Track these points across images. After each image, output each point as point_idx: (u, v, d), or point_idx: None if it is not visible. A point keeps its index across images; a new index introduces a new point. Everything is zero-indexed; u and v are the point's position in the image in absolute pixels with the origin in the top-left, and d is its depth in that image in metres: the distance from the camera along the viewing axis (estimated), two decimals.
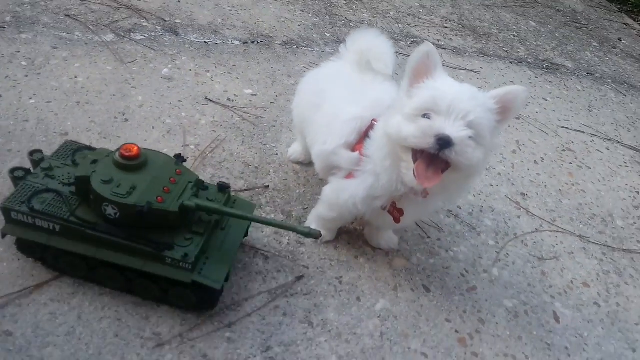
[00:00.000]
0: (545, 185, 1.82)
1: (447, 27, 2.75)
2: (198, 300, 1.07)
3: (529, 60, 2.67)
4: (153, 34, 1.95)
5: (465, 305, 1.32)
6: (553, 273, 1.48)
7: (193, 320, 1.09)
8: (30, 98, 1.51)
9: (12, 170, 1.10)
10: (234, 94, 1.78)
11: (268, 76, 1.92)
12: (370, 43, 1.30)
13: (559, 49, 2.89)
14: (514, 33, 2.93)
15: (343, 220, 1.34)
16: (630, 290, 1.50)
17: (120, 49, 1.81)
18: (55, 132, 1.43)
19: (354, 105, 1.22)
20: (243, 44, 2.07)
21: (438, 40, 2.59)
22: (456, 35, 2.70)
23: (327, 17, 2.47)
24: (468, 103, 0.98)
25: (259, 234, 1.33)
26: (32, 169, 1.13)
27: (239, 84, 1.83)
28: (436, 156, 0.98)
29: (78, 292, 1.08)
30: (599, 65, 2.85)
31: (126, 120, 1.54)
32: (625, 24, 3.57)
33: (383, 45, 1.30)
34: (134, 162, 1.03)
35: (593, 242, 1.63)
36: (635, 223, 1.76)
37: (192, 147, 1.52)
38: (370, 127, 1.18)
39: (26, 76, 1.58)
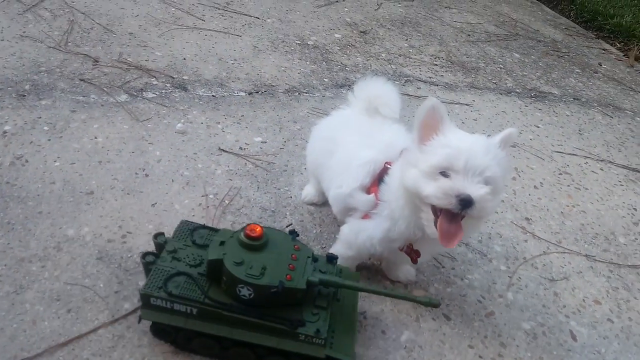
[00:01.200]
0: (547, 209, 1.90)
1: (436, 65, 2.90)
2: None
3: (517, 90, 2.80)
4: (163, 91, 2.05)
5: (486, 331, 1.37)
6: (565, 293, 1.54)
7: None
8: (55, 161, 1.59)
9: (144, 256, 1.14)
10: (245, 143, 1.87)
11: (275, 123, 2.02)
12: (377, 90, 1.40)
13: (544, 78, 3.04)
14: (500, 65, 3.08)
15: (361, 258, 1.41)
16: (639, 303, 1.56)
17: (135, 107, 1.91)
18: (81, 192, 1.50)
19: (367, 149, 1.30)
20: (248, 94, 2.18)
21: (430, 77, 2.72)
22: (446, 71, 2.84)
23: (324, 63, 2.60)
24: (483, 159, 1.05)
25: None
26: (156, 251, 1.16)
27: (248, 132, 1.93)
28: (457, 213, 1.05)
29: (117, 345, 1.13)
30: (584, 90, 2.99)
31: (146, 175, 1.62)
32: (603, 49, 3.76)
33: (389, 92, 1.40)
34: (258, 242, 1.07)
35: (599, 260, 1.69)
36: (636, 239, 1.84)
37: (211, 196, 1.60)
38: (384, 170, 1.26)
39: (49, 140, 1.67)
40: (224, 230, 1.17)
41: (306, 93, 2.30)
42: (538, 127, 2.47)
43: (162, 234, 1.19)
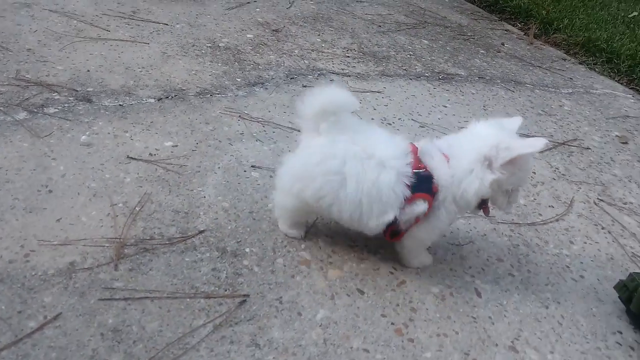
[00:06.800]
0: None
1: (349, 57, 2.99)
2: None
3: (427, 74, 2.95)
4: (66, 105, 2.00)
5: (398, 299, 1.45)
6: (470, 255, 1.66)
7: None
8: None
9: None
10: (155, 149, 1.86)
11: (186, 126, 2.02)
12: (326, 100, 1.31)
13: (452, 61, 3.21)
14: (410, 52, 3.22)
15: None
16: (537, 257, 1.70)
17: (35, 124, 1.85)
18: None
19: (384, 170, 1.30)
20: (158, 100, 2.16)
21: (342, 69, 2.81)
22: (358, 62, 2.94)
23: (236, 63, 2.62)
24: None
25: (197, 273, 1.40)
26: None
27: (158, 138, 1.92)
28: None
29: None
30: (488, 69, 3.19)
31: (50, 191, 1.58)
32: (506, 30, 4.01)
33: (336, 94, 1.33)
34: None
35: (501, 222, 1.83)
36: (535, 199, 1.99)
37: (120, 205, 1.58)
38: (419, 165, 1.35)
39: None
40: None
41: (218, 94, 2.31)
42: (446, 106, 2.62)
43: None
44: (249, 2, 3.50)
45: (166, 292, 1.34)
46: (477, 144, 1.31)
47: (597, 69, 3.50)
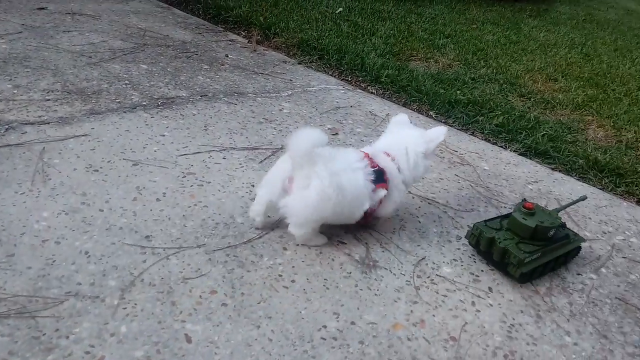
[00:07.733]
0: (169, 217, 1.94)
1: (49, 99, 2.66)
2: (574, 254, 2.00)
3: (144, 103, 2.81)
4: None
5: None
6: (182, 298, 1.60)
7: None
8: None
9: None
10: None
11: None
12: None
13: (173, 83, 3.13)
14: (126, 81, 3.03)
15: None
16: (252, 275, 1.73)
17: None
18: None
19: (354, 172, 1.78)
20: None
21: (40, 117, 2.47)
22: (61, 104, 2.64)
23: None
24: None
25: None
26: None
27: None
28: None
29: None
30: (212, 85, 3.20)
31: None
32: (230, 40, 4.12)
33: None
34: (533, 210, 1.81)
35: (216, 249, 1.82)
36: (249, 215, 2.04)
37: None
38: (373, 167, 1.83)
39: None
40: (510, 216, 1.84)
41: None
42: (164, 135, 2.52)
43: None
44: None
45: None
46: (409, 143, 1.90)
47: (313, 67, 3.86)
